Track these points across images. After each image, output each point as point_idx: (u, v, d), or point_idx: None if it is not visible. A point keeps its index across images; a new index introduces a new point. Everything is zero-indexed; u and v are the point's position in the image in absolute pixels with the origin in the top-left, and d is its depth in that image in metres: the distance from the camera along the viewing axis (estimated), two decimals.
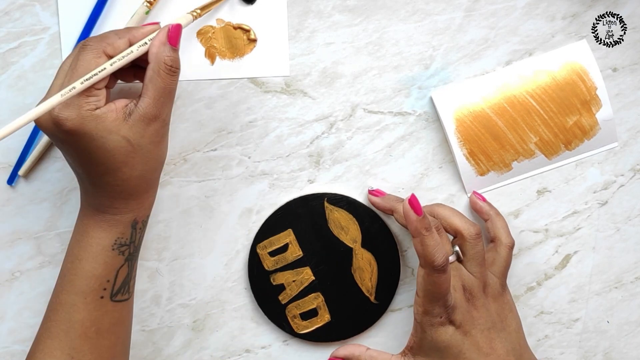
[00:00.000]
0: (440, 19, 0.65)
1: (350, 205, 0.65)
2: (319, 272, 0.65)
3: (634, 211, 0.67)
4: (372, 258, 0.65)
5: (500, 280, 0.61)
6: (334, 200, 0.65)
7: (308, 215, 0.65)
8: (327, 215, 0.65)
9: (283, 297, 0.65)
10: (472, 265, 0.60)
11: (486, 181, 0.66)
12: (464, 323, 0.58)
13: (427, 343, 0.58)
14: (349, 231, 0.65)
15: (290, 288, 0.65)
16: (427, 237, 0.55)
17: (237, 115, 0.65)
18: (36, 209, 0.64)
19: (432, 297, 0.57)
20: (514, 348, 0.60)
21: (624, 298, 0.68)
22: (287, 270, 0.65)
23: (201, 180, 0.65)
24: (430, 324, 0.58)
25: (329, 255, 0.65)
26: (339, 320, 0.65)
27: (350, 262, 0.65)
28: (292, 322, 0.65)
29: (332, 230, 0.65)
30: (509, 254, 0.62)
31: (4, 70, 0.63)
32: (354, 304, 0.65)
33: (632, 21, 0.65)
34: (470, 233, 0.60)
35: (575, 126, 0.65)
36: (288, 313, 0.65)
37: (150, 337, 0.66)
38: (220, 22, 0.64)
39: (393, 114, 0.65)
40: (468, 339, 0.58)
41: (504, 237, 0.63)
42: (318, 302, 0.65)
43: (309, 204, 0.65)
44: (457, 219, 0.61)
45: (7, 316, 0.65)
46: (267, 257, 0.65)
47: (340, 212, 0.65)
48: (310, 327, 0.65)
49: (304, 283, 0.65)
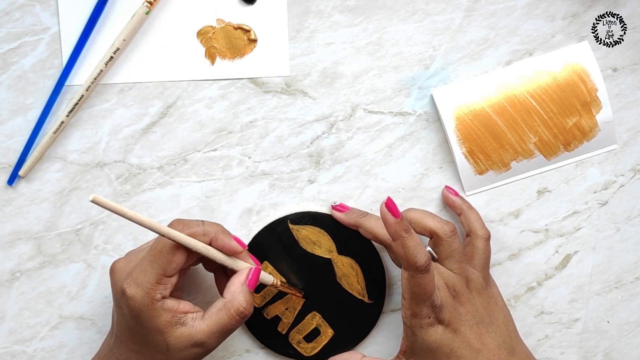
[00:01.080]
0: (440, 19, 0.65)
1: (314, 219, 0.64)
2: (307, 292, 0.64)
3: (634, 211, 0.67)
4: (352, 261, 0.65)
5: (482, 274, 0.61)
6: (296, 220, 0.64)
7: (277, 243, 0.64)
8: (296, 236, 0.64)
9: (282, 327, 0.65)
10: (451, 263, 0.60)
11: (484, 180, 0.66)
12: (452, 321, 0.58)
13: (419, 345, 0.58)
14: (322, 244, 0.64)
15: (286, 316, 0.65)
16: (407, 239, 0.55)
17: (237, 115, 0.65)
18: (36, 209, 0.64)
19: (419, 298, 0.56)
20: (505, 341, 0.60)
21: (624, 298, 0.68)
22: (277, 301, 0.65)
23: (201, 180, 0.65)
24: (420, 326, 0.58)
25: (311, 272, 0.64)
26: (343, 331, 0.65)
27: (333, 273, 0.65)
28: (299, 348, 0.65)
29: (305, 248, 0.64)
30: (486, 245, 0.62)
31: (4, 70, 0.63)
32: (351, 310, 0.65)
33: (632, 21, 0.66)
34: (444, 231, 0.60)
35: (574, 127, 0.65)
36: (292, 340, 0.65)
37: None
38: (221, 22, 0.64)
39: (393, 114, 0.65)
40: (458, 336, 0.58)
41: (479, 229, 0.62)
42: (317, 320, 0.65)
43: (274, 231, 0.64)
44: (430, 220, 0.61)
45: (7, 316, 0.65)
46: (254, 295, 0.64)
47: (307, 229, 0.64)
48: (318, 347, 0.65)
49: (297, 307, 0.65)
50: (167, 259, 0.54)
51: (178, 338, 0.55)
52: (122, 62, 0.63)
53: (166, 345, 0.55)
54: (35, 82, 0.63)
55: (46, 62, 0.63)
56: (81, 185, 0.64)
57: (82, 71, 0.63)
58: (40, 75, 0.63)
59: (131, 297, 0.54)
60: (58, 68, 0.63)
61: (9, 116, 0.63)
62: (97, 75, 0.62)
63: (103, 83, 0.63)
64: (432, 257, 0.60)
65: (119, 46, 0.62)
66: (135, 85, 0.63)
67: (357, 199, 0.66)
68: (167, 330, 0.55)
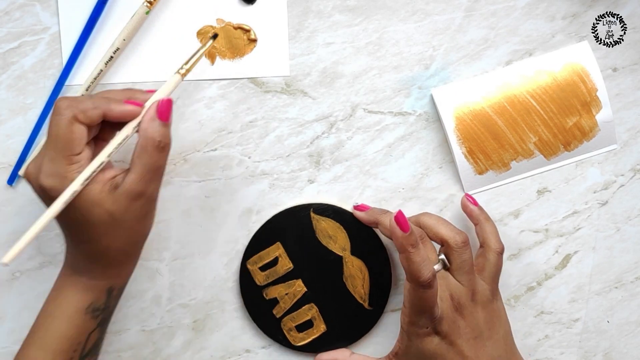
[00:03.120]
0: (440, 19, 0.65)
1: (336, 214, 0.65)
2: (311, 283, 0.65)
3: (634, 211, 0.67)
4: (362, 265, 0.65)
5: (490, 287, 0.61)
6: (320, 210, 0.64)
7: (295, 227, 0.64)
8: (314, 226, 0.64)
9: (277, 311, 0.65)
10: (460, 274, 0.59)
11: (484, 180, 0.66)
12: (450, 333, 0.58)
13: (413, 351, 0.58)
14: (338, 240, 0.65)
15: (284, 301, 0.65)
16: (413, 254, 0.54)
17: (237, 115, 0.65)
18: (36, 209, 0.64)
19: (419, 310, 0.56)
20: (500, 355, 0.59)
21: (624, 298, 0.68)
22: (279, 284, 0.65)
23: (201, 180, 0.65)
24: (417, 335, 0.58)
25: (320, 265, 0.65)
26: (335, 330, 0.65)
27: (341, 271, 0.65)
28: (289, 335, 0.65)
29: (320, 240, 0.65)
30: (498, 259, 0.61)
31: (4, 70, 0.63)
32: (349, 312, 0.65)
33: (632, 21, 0.66)
34: (456, 241, 0.59)
35: (574, 127, 0.65)
36: (284, 326, 0.65)
37: (150, 337, 0.66)
38: (221, 22, 0.64)
39: (393, 114, 0.65)
40: (453, 348, 0.58)
41: (493, 242, 0.62)
42: (312, 313, 0.65)
43: (295, 216, 0.64)
44: (442, 228, 0.60)
45: (7, 316, 0.65)
46: (258, 272, 0.65)
47: (327, 222, 0.65)
48: (307, 338, 0.65)
49: (297, 295, 0.65)
50: (69, 138, 0.52)
51: (117, 201, 0.53)
52: (122, 62, 0.63)
53: (110, 215, 0.53)
54: (35, 82, 0.63)
55: (46, 62, 0.63)
56: None
57: (82, 71, 0.63)
58: (40, 75, 0.63)
59: (53, 188, 0.52)
60: (58, 68, 0.63)
61: (9, 116, 0.63)
62: (97, 75, 0.62)
63: (103, 83, 0.63)
64: (444, 266, 0.60)
65: (119, 46, 0.62)
66: (135, 85, 0.63)
67: (357, 199, 0.66)
68: (103, 200, 0.52)
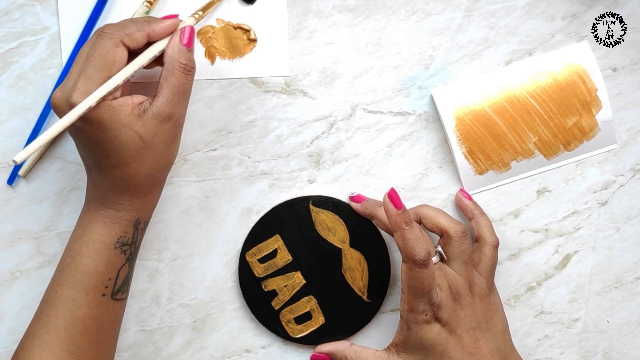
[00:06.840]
0: (440, 19, 0.65)
1: (335, 206, 0.65)
2: (310, 275, 0.65)
3: (634, 211, 0.67)
4: (361, 257, 0.65)
5: (486, 280, 0.61)
6: (319, 203, 0.65)
7: (294, 220, 0.64)
8: (313, 218, 0.64)
9: (276, 303, 0.65)
10: (458, 264, 0.60)
11: (485, 180, 0.66)
12: (449, 321, 0.58)
13: (412, 340, 0.58)
14: (337, 232, 0.65)
15: (282, 293, 0.65)
16: (407, 231, 0.55)
17: (237, 115, 0.65)
18: (36, 209, 0.64)
19: (416, 292, 0.57)
20: (499, 349, 0.60)
21: (624, 298, 0.68)
22: (278, 276, 0.65)
23: (201, 180, 0.65)
24: (416, 322, 0.58)
25: (318, 257, 0.65)
26: (334, 322, 0.65)
27: (340, 263, 0.65)
28: (287, 327, 0.65)
29: (319, 232, 0.65)
30: (493, 253, 0.62)
31: (4, 70, 0.63)
32: (347, 304, 0.65)
33: (632, 21, 0.66)
34: (456, 231, 0.60)
35: (574, 127, 0.65)
36: (282, 318, 0.65)
37: (150, 337, 0.66)
38: (220, 22, 0.64)
39: (393, 114, 0.65)
40: (453, 337, 0.58)
41: (488, 236, 0.62)
42: (311, 305, 0.65)
43: (294, 208, 0.64)
44: (442, 218, 0.61)
45: (7, 316, 0.65)
46: (257, 264, 0.65)
47: (327, 214, 0.65)
48: (305, 330, 0.65)
49: (296, 287, 0.65)
50: (112, 60, 0.53)
51: (146, 124, 0.54)
52: None
53: (140, 137, 0.54)
54: (35, 82, 0.63)
55: (46, 62, 0.63)
56: (81, 185, 0.64)
57: None
58: (40, 75, 0.63)
59: None
60: (58, 68, 0.63)
61: (9, 116, 0.63)
62: None
63: None
64: (441, 258, 0.60)
65: None
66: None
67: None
68: (132, 122, 0.54)
